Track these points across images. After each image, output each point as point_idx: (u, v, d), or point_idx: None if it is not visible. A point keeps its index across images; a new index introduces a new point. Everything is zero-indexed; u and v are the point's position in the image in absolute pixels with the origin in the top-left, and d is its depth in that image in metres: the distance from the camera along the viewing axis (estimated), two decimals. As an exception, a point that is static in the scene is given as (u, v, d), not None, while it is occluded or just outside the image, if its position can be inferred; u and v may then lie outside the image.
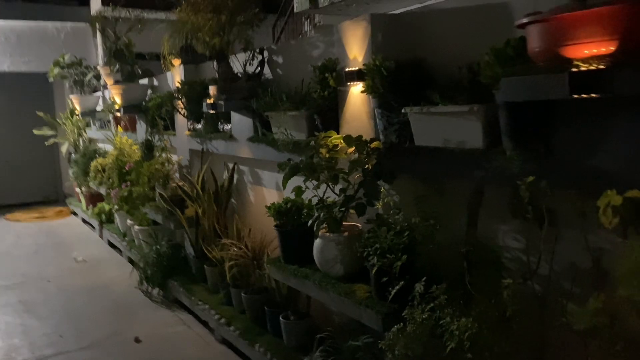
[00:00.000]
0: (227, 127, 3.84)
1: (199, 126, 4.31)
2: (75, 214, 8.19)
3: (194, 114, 4.32)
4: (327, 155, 2.40)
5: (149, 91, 5.65)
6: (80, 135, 8.33)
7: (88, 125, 8.33)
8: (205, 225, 3.94)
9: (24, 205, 8.99)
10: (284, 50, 3.34)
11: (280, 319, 3.02)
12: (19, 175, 9.25)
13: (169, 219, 4.34)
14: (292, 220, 2.70)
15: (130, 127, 5.87)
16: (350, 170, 2.31)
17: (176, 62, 4.50)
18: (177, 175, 4.75)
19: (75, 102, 7.64)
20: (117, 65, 5.58)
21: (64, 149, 8.38)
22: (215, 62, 3.55)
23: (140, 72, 5.67)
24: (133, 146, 5.56)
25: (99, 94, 7.76)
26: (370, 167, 2.25)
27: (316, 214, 2.34)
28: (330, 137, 2.48)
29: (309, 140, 2.64)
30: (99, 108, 7.70)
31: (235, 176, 4.09)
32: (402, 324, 1.89)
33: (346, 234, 2.39)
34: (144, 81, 5.73)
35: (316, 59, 2.95)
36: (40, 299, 4.60)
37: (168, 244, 4.53)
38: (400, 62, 2.21)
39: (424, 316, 1.77)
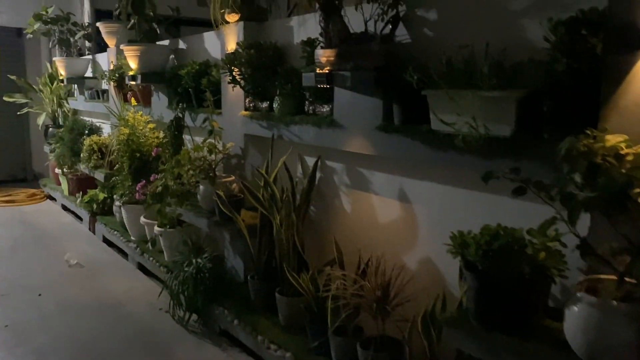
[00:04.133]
0: (324, 108, 2.79)
1: (264, 105, 3.24)
2: (52, 198, 6.91)
3: (260, 88, 3.24)
4: (624, 170, 1.43)
5: (172, 56, 4.50)
6: (60, 105, 7.04)
7: (71, 94, 7.06)
8: (283, 239, 2.89)
9: (-16, 185, 7.64)
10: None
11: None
12: (-20, 148, 7.85)
13: (220, 226, 3.26)
14: (506, 263, 1.71)
15: (143, 100, 4.70)
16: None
17: (232, 17, 3.39)
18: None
19: (60, 65, 6.35)
20: (133, 21, 4.40)
21: (40, 120, 7.06)
22: (321, 16, 2.50)
23: (159, 30, 4.51)
24: (149, 124, 4.41)
25: (89, 57, 6.50)
26: None
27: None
28: (608, 139, 1.50)
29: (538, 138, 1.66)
30: (88, 74, 6.46)
31: (318, 174, 3.06)
32: None
33: (646, 301, 1.43)
34: (164, 43, 4.58)
35: (518, 14, 1.97)
36: (33, 322, 3.46)
37: (210, 256, 3.46)
38: None
39: None
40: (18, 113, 7.12)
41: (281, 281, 2.98)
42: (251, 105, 3.35)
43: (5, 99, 6.92)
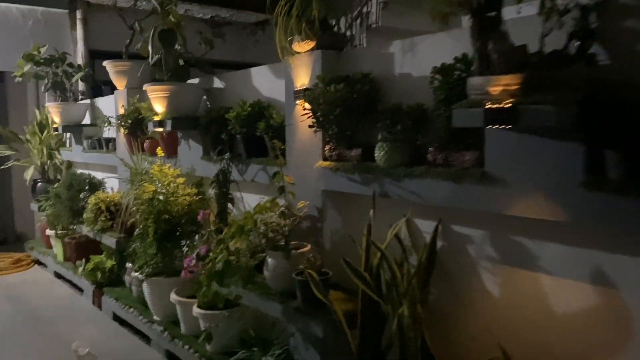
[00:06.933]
0: (465, 157, 2.07)
1: (354, 153, 2.51)
2: (41, 263, 5.96)
3: (349, 132, 2.53)
4: None
5: (204, 97, 3.78)
6: (51, 157, 6.19)
7: (62, 144, 6.23)
8: (412, 337, 2.11)
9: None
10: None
11: None
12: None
13: (304, 314, 2.46)
14: None
15: (166, 150, 3.92)
16: None
17: (303, 46, 2.69)
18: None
19: (54, 112, 5.54)
20: (157, 57, 3.67)
21: (27, 174, 6.18)
22: (474, 33, 1.81)
23: (189, 65, 3.78)
24: (179, 179, 3.62)
25: (87, 102, 5.72)
26: None
27: None
28: None
29: None
30: (86, 121, 5.68)
31: (439, 243, 2.32)
32: None
33: None
34: (194, 82, 3.86)
35: None
36: None
37: (282, 352, 2.64)
38: None
39: None
40: (1, 167, 6.24)
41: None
42: (334, 153, 2.62)
43: (-9, 151, 6.07)
